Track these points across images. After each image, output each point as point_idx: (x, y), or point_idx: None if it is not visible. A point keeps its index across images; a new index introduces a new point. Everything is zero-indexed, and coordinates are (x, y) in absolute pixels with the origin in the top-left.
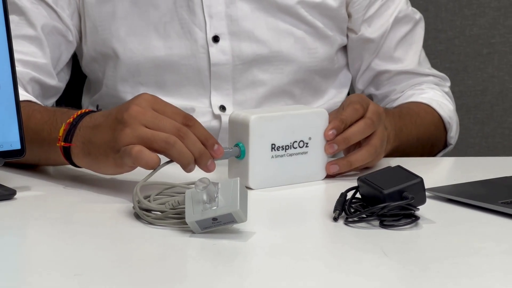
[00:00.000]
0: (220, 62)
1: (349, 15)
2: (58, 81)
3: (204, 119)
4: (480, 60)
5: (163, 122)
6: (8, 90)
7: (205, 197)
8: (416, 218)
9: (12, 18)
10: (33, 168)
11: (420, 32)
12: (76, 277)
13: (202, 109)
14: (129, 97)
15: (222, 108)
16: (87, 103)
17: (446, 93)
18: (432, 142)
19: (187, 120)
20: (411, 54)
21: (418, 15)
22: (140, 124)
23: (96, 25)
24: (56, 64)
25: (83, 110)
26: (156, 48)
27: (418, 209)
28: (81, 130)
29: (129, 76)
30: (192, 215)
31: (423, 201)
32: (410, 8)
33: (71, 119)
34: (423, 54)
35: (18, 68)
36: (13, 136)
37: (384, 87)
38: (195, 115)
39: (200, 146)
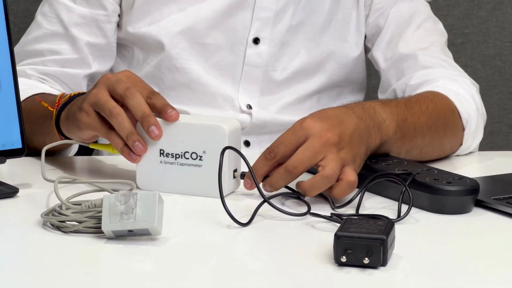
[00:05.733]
0: (254, 64)
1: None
2: (98, 66)
3: (234, 113)
4: (454, 49)
5: (120, 85)
6: (9, 90)
7: (123, 208)
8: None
9: (44, 10)
10: (34, 165)
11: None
12: (86, 276)
13: (231, 102)
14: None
15: (249, 106)
16: None
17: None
18: (450, 129)
19: (151, 93)
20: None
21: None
22: (105, 87)
23: (149, 10)
24: (95, 51)
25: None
26: (201, 36)
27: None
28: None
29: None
30: (108, 224)
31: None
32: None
33: (75, 93)
34: None
35: (52, 67)
36: (14, 135)
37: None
38: (223, 110)
39: (144, 108)
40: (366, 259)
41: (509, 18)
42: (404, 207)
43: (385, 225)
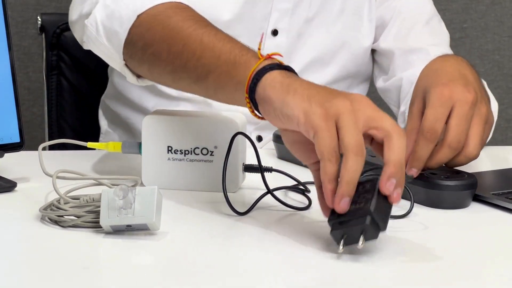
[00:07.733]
0: None
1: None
2: None
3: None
4: (452, 44)
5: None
6: (7, 84)
7: (121, 203)
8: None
9: None
10: (32, 159)
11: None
12: (84, 270)
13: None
14: None
15: None
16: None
17: None
18: None
19: None
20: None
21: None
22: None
23: None
24: None
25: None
26: (221, 27)
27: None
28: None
29: None
30: (107, 219)
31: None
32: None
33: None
34: None
35: None
36: (12, 129)
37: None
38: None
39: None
40: (362, 239)
41: (507, 12)
42: (403, 201)
43: (371, 195)
